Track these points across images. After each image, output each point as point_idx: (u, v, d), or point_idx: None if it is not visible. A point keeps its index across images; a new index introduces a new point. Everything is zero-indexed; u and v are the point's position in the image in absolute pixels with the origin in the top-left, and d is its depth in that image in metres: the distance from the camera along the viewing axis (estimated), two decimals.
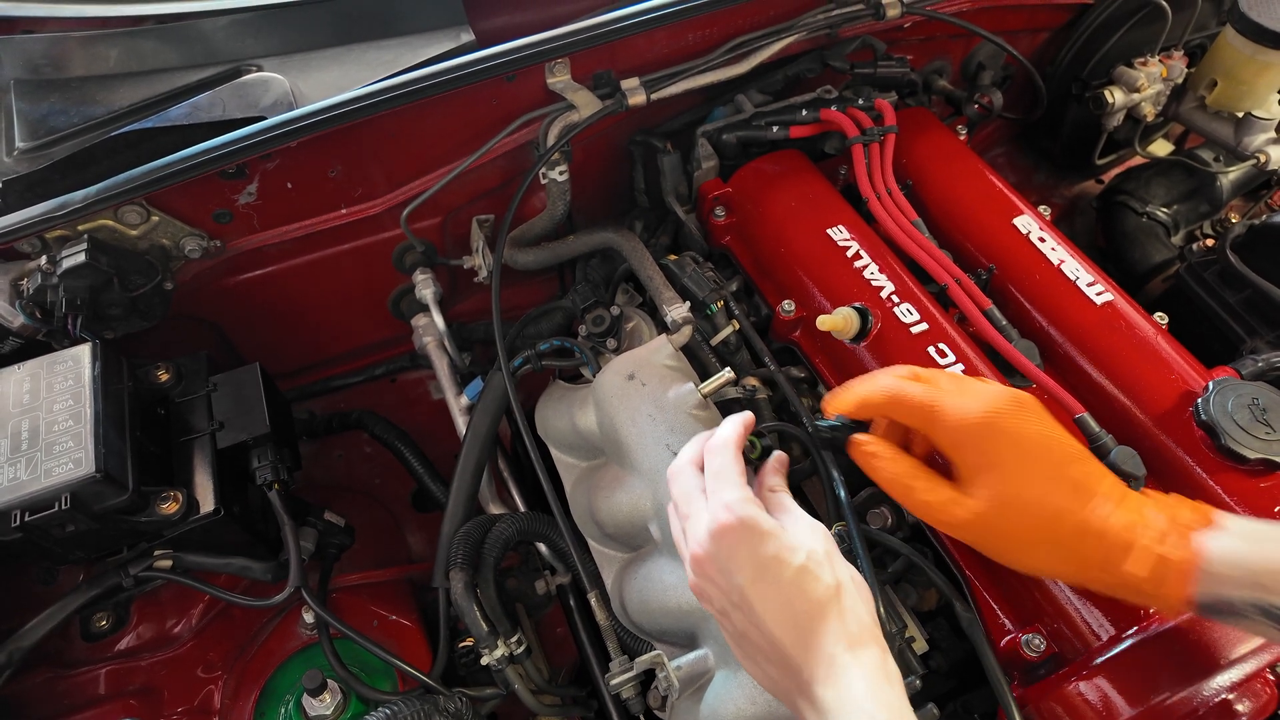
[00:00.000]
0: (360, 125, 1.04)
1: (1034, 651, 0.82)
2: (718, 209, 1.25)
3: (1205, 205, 1.68)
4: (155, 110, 1.14)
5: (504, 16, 1.33)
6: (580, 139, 1.18)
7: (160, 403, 1.03)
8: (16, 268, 1.01)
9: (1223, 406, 0.91)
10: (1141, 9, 1.51)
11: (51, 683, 1.01)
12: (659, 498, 0.90)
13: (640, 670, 0.91)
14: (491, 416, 1.15)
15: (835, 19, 1.25)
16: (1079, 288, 1.08)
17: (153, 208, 1.05)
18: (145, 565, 0.96)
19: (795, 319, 1.12)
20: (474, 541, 1.03)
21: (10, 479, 0.84)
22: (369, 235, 1.26)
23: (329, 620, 0.98)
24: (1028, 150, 1.93)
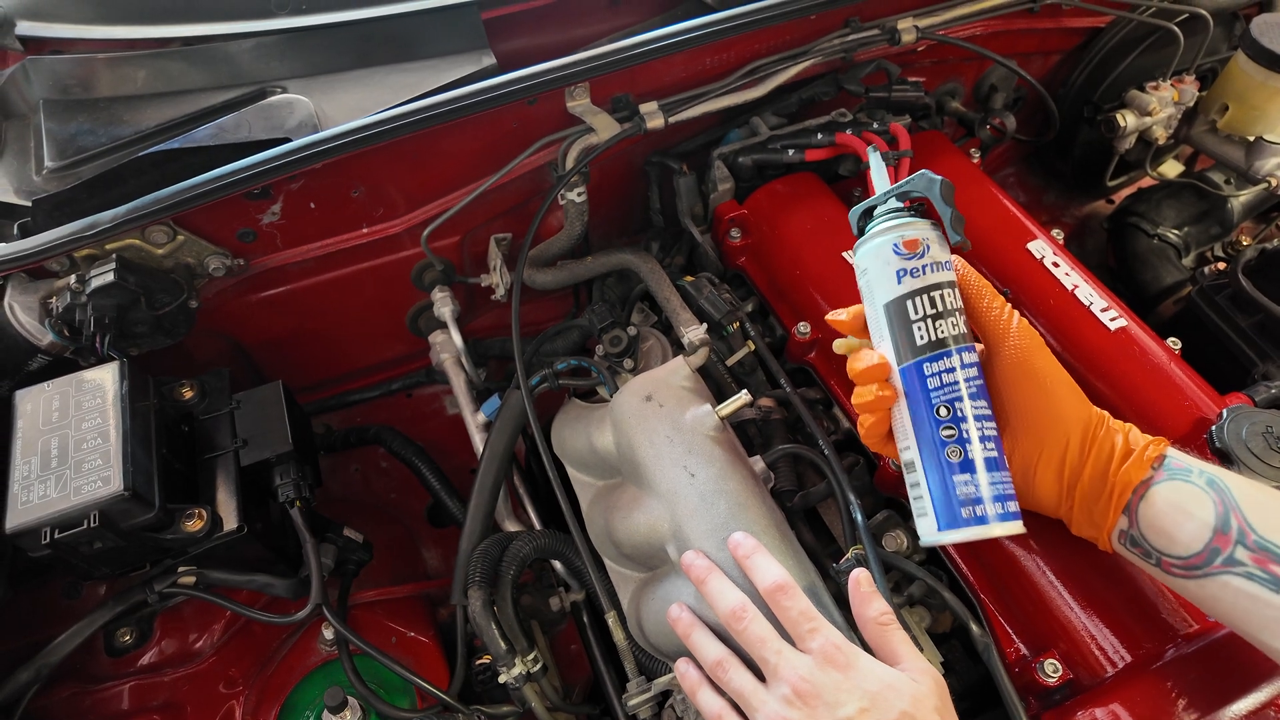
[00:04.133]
0: (383, 147, 1.05)
1: (1050, 677, 0.82)
2: (733, 230, 1.27)
3: (1216, 227, 1.69)
4: (182, 131, 1.15)
5: (524, 39, 1.35)
6: (597, 160, 1.19)
7: (185, 420, 1.04)
8: (45, 286, 1.03)
9: (1237, 434, 0.91)
10: (1153, 33, 1.53)
11: (77, 698, 1.02)
12: (677, 519, 0.91)
13: (658, 691, 0.91)
14: (509, 435, 1.17)
15: (850, 44, 1.26)
16: (1093, 313, 1.09)
17: (179, 227, 1.06)
18: (169, 581, 0.97)
19: (810, 341, 1.13)
20: (492, 559, 1.04)
21: (40, 496, 0.86)
22: (389, 254, 1.27)
23: (349, 637, 0.99)
24: (1038, 170, 1.95)
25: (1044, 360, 0.77)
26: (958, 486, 0.74)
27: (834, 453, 1.00)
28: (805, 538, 1.00)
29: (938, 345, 0.76)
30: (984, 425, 0.75)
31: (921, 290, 0.76)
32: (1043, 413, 0.75)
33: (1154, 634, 0.82)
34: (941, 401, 0.75)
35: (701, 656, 0.81)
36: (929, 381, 0.76)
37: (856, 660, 0.72)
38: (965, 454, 0.74)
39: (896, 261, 0.77)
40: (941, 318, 0.76)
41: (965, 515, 0.74)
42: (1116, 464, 0.73)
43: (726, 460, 0.93)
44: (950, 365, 0.75)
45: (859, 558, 0.89)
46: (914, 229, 0.78)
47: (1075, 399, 0.76)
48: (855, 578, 0.80)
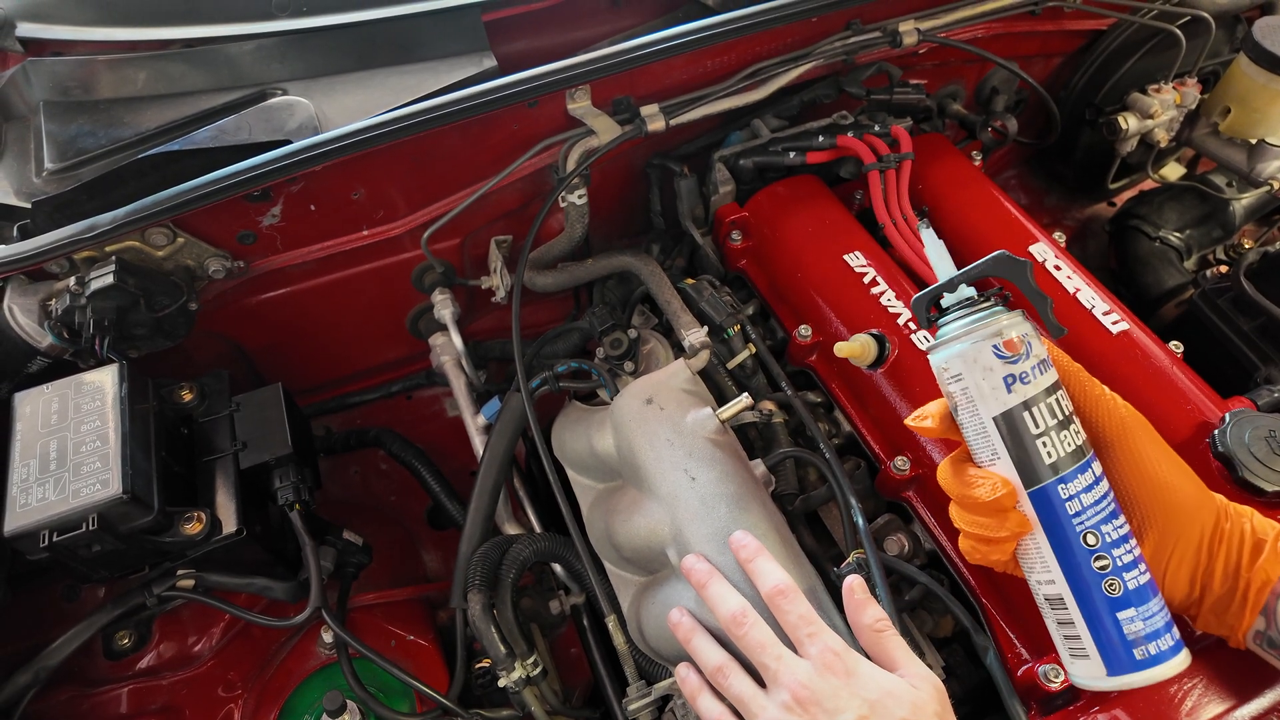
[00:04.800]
0: (384, 149, 1.05)
1: (1052, 681, 0.82)
2: (734, 233, 1.26)
3: (1218, 230, 1.68)
4: (182, 133, 1.15)
5: (525, 41, 1.35)
6: (597, 162, 1.19)
7: (184, 422, 1.04)
8: (45, 288, 1.03)
9: (1239, 439, 0.91)
10: (1155, 36, 1.52)
11: (75, 701, 1.02)
12: (677, 522, 0.91)
13: (658, 696, 0.91)
14: (509, 438, 1.16)
15: (852, 46, 1.26)
16: (1095, 316, 1.08)
17: (179, 229, 1.06)
18: (168, 584, 0.96)
19: (812, 344, 1.13)
20: (492, 563, 1.04)
21: (39, 499, 0.85)
22: (389, 256, 1.27)
23: (348, 640, 0.99)
24: (1039, 172, 1.94)
25: (1159, 450, 0.69)
26: (1124, 625, 0.65)
27: (835, 456, 1.00)
28: (806, 541, 1.00)
29: (1070, 461, 0.66)
30: (1132, 546, 0.66)
31: (1034, 399, 0.66)
32: (1171, 511, 0.67)
33: None
34: (1088, 528, 0.66)
35: (702, 661, 0.80)
36: (1068, 506, 0.66)
37: (856, 666, 0.72)
38: (1124, 585, 0.65)
39: (1001, 367, 0.66)
40: (1065, 427, 0.66)
41: (1139, 656, 0.65)
42: (1248, 559, 0.66)
43: (727, 463, 0.93)
44: (1085, 483, 0.66)
45: (860, 561, 0.89)
46: (1014, 326, 0.67)
47: (1198, 489, 0.68)
48: (849, 585, 0.79)
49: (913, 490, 1.01)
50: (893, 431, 1.04)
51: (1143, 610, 0.65)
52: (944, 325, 0.71)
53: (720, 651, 0.80)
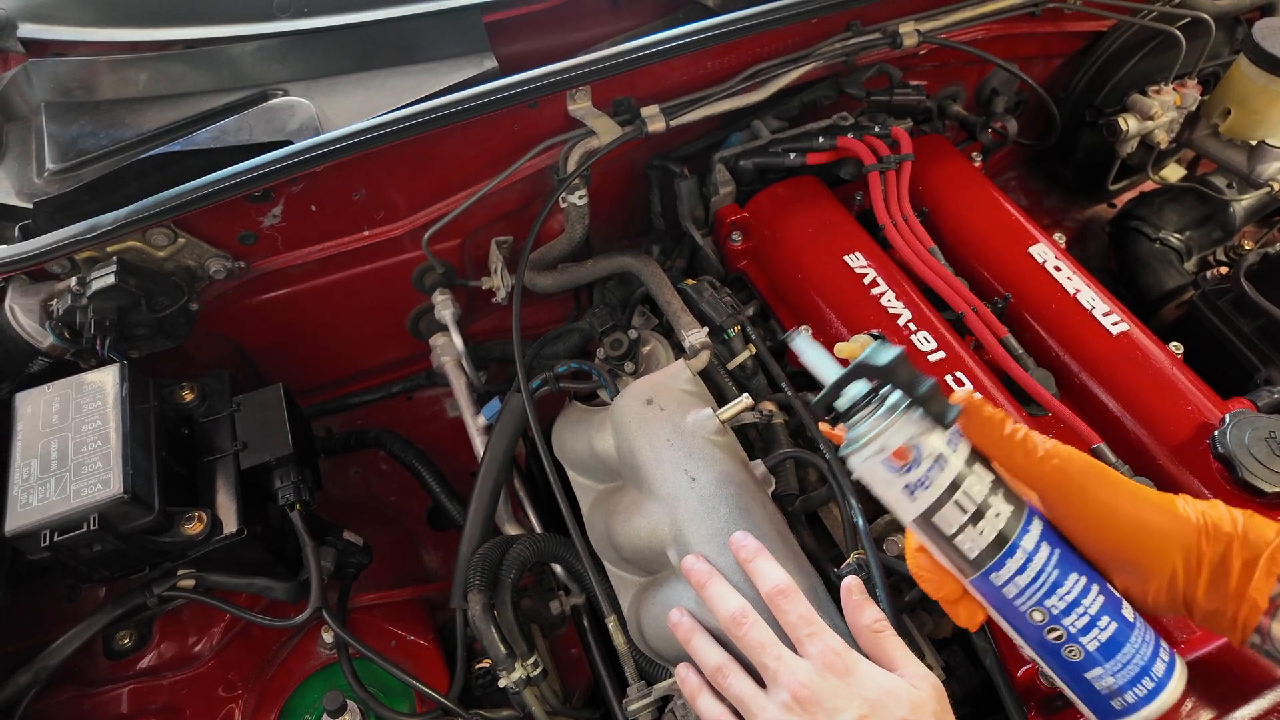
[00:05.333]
0: (384, 149, 1.05)
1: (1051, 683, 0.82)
2: (734, 234, 1.26)
3: (1218, 231, 1.68)
4: (183, 133, 1.16)
5: (526, 42, 1.35)
6: (598, 163, 1.19)
7: (185, 422, 1.04)
8: (46, 288, 1.03)
9: (1240, 439, 0.91)
10: (1155, 37, 1.52)
11: (75, 701, 1.01)
12: (677, 523, 0.91)
13: (658, 696, 0.91)
14: (509, 439, 1.16)
15: (852, 47, 1.26)
16: (1095, 317, 1.08)
17: (180, 230, 1.06)
18: (169, 584, 0.96)
19: None
20: (492, 563, 1.04)
21: (40, 499, 0.86)
22: (390, 257, 1.27)
23: (349, 640, 0.99)
24: (1040, 174, 1.94)
25: (1110, 488, 0.64)
26: (1096, 683, 0.64)
27: (835, 457, 1.00)
28: (807, 542, 1.00)
29: (995, 548, 0.64)
30: (1087, 606, 0.64)
31: (940, 500, 0.64)
32: (1133, 550, 0.64)
33: None
34: (1030, 606, 0.64)
35: (702, 662, 0.80)
36: (1004, 592, 0.65)
37: (856, 666, 0.72)
38: (1083, 649, 0.64)
39: (897, 479, 0.65)
40: (981, 516, 0.64)
41: (1118, 706, 0.64)
42: (1236, 583, 0.61)
43: (727, 464, 0.93)
44: (1020, 563, 0.64)
45: (860, 562, 0.89)
46: (895, 434, 0.64)
47: (1165, 521, 0.63)
48: (846, 585, 0.79)
49: None
50: None
51: (1112, 665, 0.64)
52: (847, 435, 0.67)
53: (720, 652, 0.80)
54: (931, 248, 1.17)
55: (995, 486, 0.65)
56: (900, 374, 0.64)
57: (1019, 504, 0.65)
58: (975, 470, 0.64)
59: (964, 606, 0.70)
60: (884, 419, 0.64)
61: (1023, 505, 0.65)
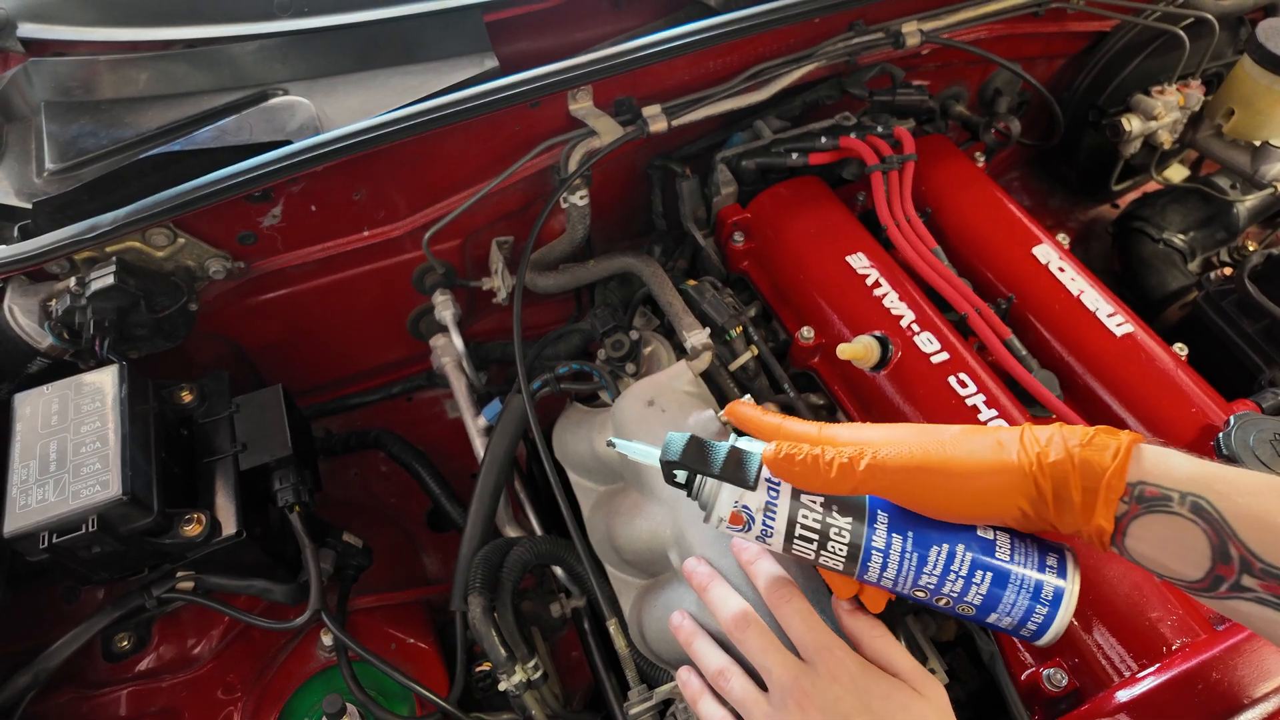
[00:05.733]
0: (385, 149, 1.05)
1: (1056, 686, 0.81)
2: (736, 234, 1.26)
3: (1222, 232, 1.68)
4: (183, 133, 1.15)
5: (527, 42, 1.35)
6: (599, 163, 1.19)
7: (184, 424, 1.03)
8: (46, 289, 1.03)
9: (1244, 441, 0.91)
10: (1159, 38, 1.52)
11: (74, 703, 1.01)
12: (679, 525, 0.91)
13: (659, 700, 0.91)
14: (510, 440, 1.16)
15: (855, 47, 1.25)
16: (1099, 319, 1.08)
17: (180, 230, 1.06)
18: (168, 586, 0.96)
19: (814, 345, 1.13)
20: (492, 565, 1.03)
21: (39, 500, 0.85)
22: (390, 257, 1.27)
23: (348, 643, 0.98)
24: (1043, 174, 1.94)
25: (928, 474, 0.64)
26: (996, 624, 0.69)
27: None
28: None
29: (853, 559, 0.68)
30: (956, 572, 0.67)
31: (788, 539, 0.69)
32: (974, 512, 0.66)
33: (1160, 643, 0.81)
34: (910, 588, 0.69)
35: (703, 665, 0.80)
36: (883, 583, 0.70)
37: (860, 669, 0.72)
38: (973, 605, 0.68)
39: (744, 537, 0.71)
40: (827, 538, 0.68)
41: (1026, 634, 0.68)
42: (1081, 510, 0.62)
43: None
44: (880, 561, 0.68)
45: None
46: (721, 505, 0.70)
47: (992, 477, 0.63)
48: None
49: None
50: None
51: (1002, 608, 0.67)
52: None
53: (722, 655, 0.79)
54: (934, 248, 1.16)
55: (828, 507, 0.69)
56: (692, 460, 0.70)
57: (858, 511, 0.68)
58: (804, 501, 0.69)
59: (866, 596, 0.74)
60: (710, 494, 0.71)
61: (862, 510, 0.68)
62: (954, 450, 0.65)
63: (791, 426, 0.72)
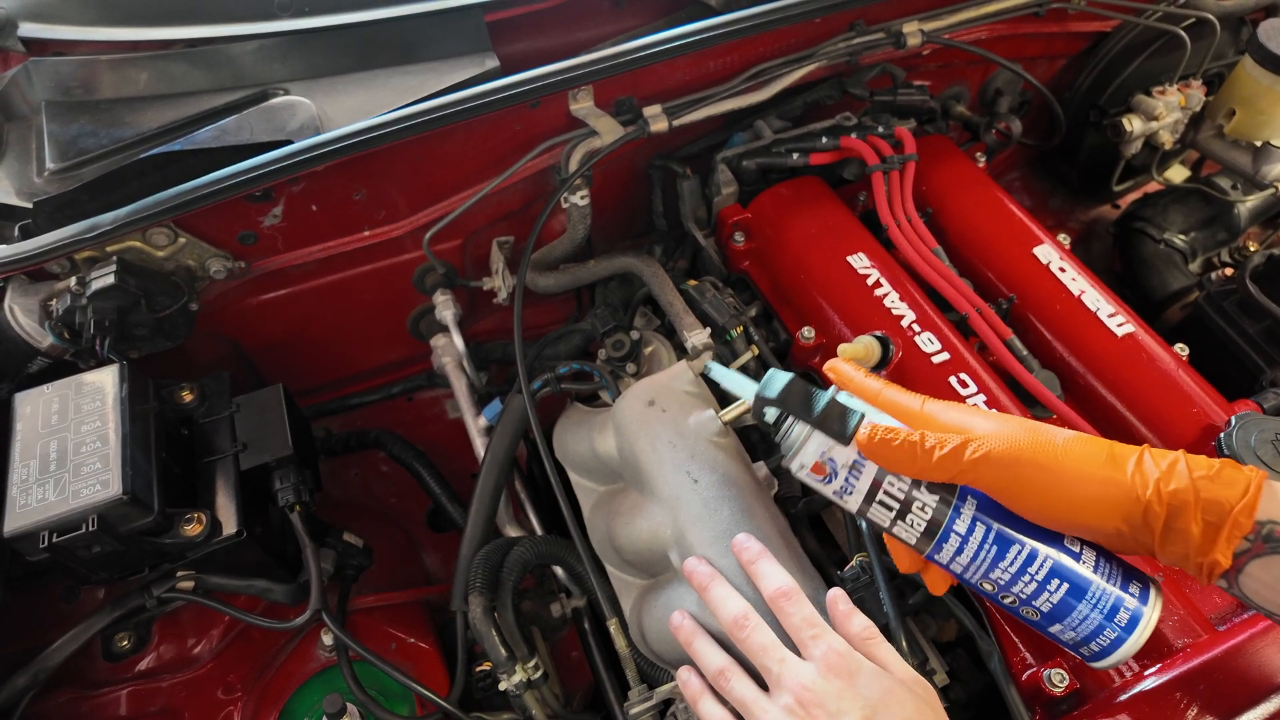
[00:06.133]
0: (385, 149, 1.05)
1: (1057, 686, 0.81)
2: (737, 234, 1.26)
3: (1223, 233, 1.68)
4: (183, 133, 1.15)
5: (528, 42, 1.34)
6: (600, 163, 1.19)
7: (184, 423, 1.03)
8: (46, 288, 1.03)
9: (1245, 441, 0.91)
10: (1160, 38, 1.52)
11: (74, 703, 1.01)
12: (679, 525, 0.91)
13: (660, 700, 0.91)
14: (510, 440, 1.16)
15: (855, 47, 1.25)
16: (1100, 319, 1.08)
17: (180, 230, 1.06)
18: (168, 586, 0.96)
19: (815, 345, 1.12)
20: (493, 565, 1.03)
21: (39, 500, 0.85)
22: (391, 257, 1.27)
23: (348, 643, 0.98)
24: (1043, 174, 1.94)
25: (1037, 470, 0.63)
26: (1060, 636, 0.67)
27: None
28: (809, 545, 1.00)
29: (928, 537, 0.68)
30: (1033, 573, 0.65)
31: (866, 501, 0.69)
32: (1068, 521, 0.65)
33: (1162, 643, 0.81)
34: (979, 578, 0.68)
35: (704, 665, 0.80)
36: (953, 568, 0.69)
37: (860, 668, 0.72)
38: (1038, 610, 0.67)
39: (824, 489, 0.71)
40: (908, 510, 0.67)
41: (1088, 654, 0.67)
42: (1200, 543, 0.59)
43: (730, 466, 0.93)
44: (956, 546, 0.67)
45: (864, 565, 0.88)
46: (807, 452, 0.70)
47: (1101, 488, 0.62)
48: (831, 598, 0.79)
49: None
50: None
51: (1069, 621, 0.66)
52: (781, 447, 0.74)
53: (722, 655, 0.79)
54: (935, 248, 1.16)
55: (917, 481, 0.68)
56: (791, 402, 0.71)
57: (947, 490, 0.67)
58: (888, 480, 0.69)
59: (929, 576, 0.73)
60: (796, 434, 0.72)
61: (951, 490, 0.68)
62: (1066, 454, 0.63)
63: (892, 395, 0.71)
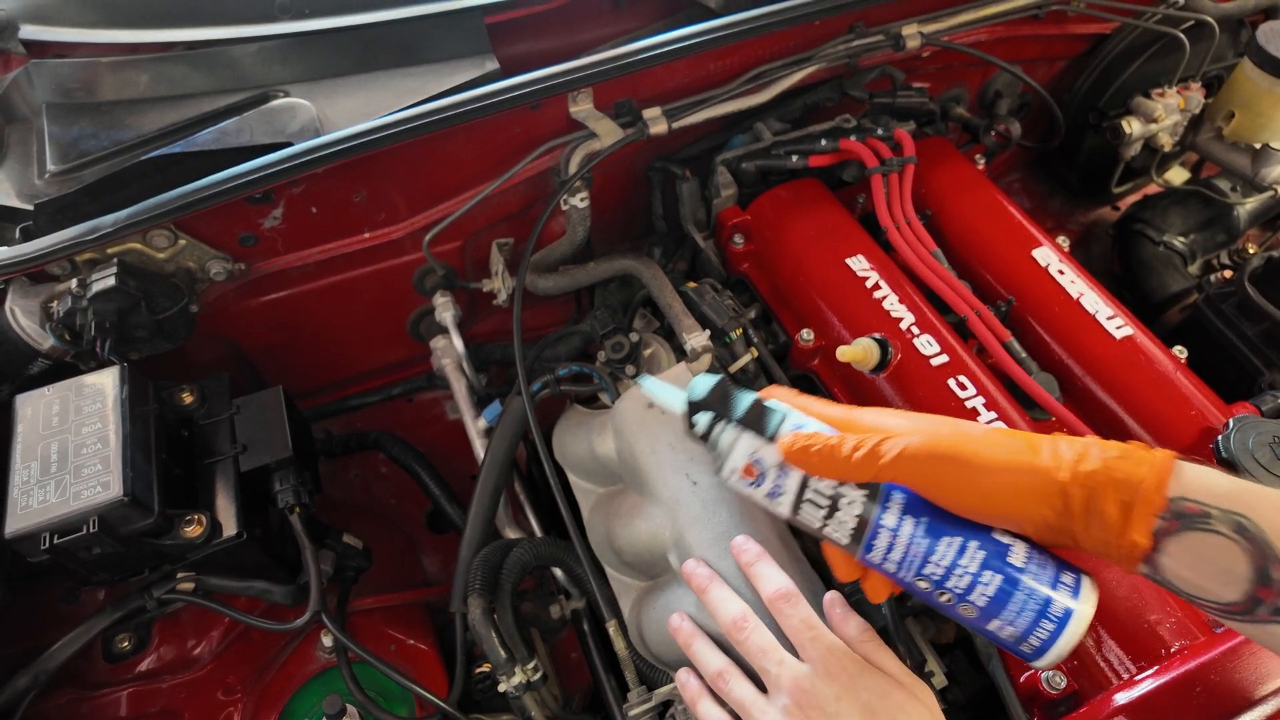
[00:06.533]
0: (385, 151, 1.05)
1: (1055, 688, 0.81)
2: (736, 236, 1.26)
3: (1222, 235, 1.68)
4: (184, 135, 1.15)
5: (527, 44, 1.35)
6: (599, 165, 1.19)
7: (184, 425, 1.03)
8: (47, 290, 1.03)
9: (1243, 444, 0.91)
10: (1159, 40, 1.52)
11: (74, 704, 1.01)
12: (678, 527, 0.91)
13: (659, 701, 0.91)
14: (510, 441, 1.16)
15: (855, 49, 1.26)
16: (1098, 321, 1.08)
17: (180, 232, 1.06)
18: (168, 587, 0.96)
19: (814, 348, 1.13)
20: (492, 566, 1.03)
21: (39, 501, 0.85)
22: (390, 259, 1.27)
23: (348, 644, 0.99)
24: (1043, 176, 1.94)
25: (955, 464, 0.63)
26: (1000, 633, 0.65)
27: None
28: (808, 547, 1.00)
29: (859, 533, 0.67)
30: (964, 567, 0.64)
31: (797, 501, 0.69)
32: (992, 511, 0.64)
33: (1160, 646, 0.81)
34: (913, 576, 0.66)
35: (702, 667, 0.80)
36: (886, 567, 0.67)
37: (858, 670, 0.72)
38: (975, 606, 0.65)
39: (756, 493, 0.71)
40: (837, 507, 0.67)
41: (1027, 650, 0.64)
42: (1116, 523, 0.58)
43: None
44: (887, 541, 0.66)
45: None
46: (737, 455, 0.70)
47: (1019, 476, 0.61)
48: (828, 601, 0.79)
49: None
50: None
51: (1006, 614, 0.64)
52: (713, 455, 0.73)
53: (721, 656, 0.79)
54: (934, 251, 1.16)
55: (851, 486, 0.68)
56: (715, 403, 0.71)
57: (873, 486, 0.67)
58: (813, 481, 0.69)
59: (868, 582, 0.72)
60: (719, 437, 0.71)
61: (877, 486, 0.67)
62: (982, 444, 0.63)
63: (817, 405, 0.71)
